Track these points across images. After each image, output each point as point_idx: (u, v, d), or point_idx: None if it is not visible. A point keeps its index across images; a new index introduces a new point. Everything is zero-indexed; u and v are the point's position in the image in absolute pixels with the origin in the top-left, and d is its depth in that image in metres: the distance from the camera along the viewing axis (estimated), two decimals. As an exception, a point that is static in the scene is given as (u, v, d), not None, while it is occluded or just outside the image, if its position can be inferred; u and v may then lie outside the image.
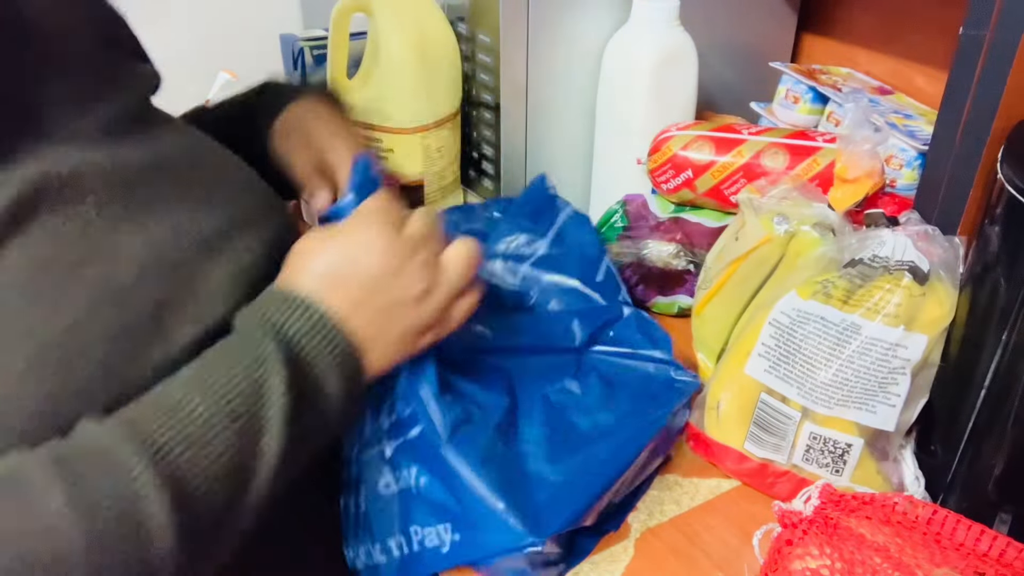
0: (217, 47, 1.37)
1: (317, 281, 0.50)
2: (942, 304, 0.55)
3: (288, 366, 0.46)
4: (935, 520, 0.49)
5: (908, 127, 0.84)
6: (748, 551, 0.54)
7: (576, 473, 0.55)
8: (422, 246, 0.52)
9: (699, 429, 0.63)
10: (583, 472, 0.55)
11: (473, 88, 0.88)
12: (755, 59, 0.99)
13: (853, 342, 0.55)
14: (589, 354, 0.66)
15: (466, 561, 0.53)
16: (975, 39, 0.53)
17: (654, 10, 0.79)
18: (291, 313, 0.48)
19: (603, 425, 0.59)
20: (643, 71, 0.80)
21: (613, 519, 0.59)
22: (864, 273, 0.57)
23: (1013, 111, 0.54)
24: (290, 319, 0.48)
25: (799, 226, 0.62)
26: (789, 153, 0.73)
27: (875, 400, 0.55)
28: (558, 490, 0.53)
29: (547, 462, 0.55)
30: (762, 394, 0.59)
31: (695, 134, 0.77)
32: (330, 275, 0.50)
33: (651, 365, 0.64)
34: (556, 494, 0.53)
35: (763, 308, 0.61)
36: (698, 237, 0.77)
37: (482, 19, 0.83)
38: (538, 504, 0.52)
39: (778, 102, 0.95)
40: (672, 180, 0.77)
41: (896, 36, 0.95)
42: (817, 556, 0.47)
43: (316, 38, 0.93)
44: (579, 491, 0.54)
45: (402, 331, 0.52)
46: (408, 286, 0.51)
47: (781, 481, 0.60)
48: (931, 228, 0.58)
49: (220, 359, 0.47)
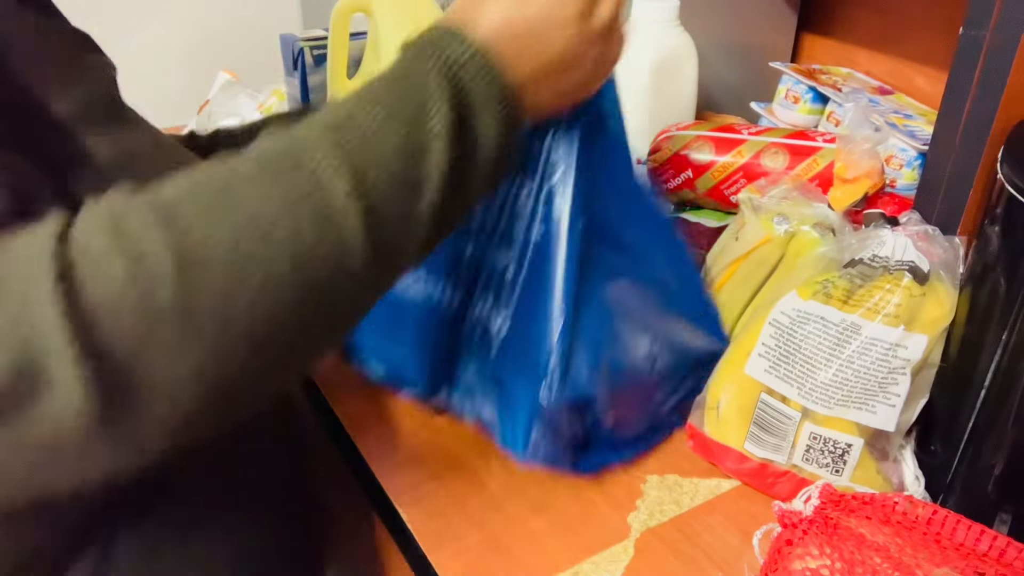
0: (217, 47, 1.38)
1: (495, 36, 0.48)
2: (942, 304, 0.55)
3: (452, 98, 0.45)
4: (935, 520, 0.49)
5: (908, 127, 0.84)
6: (748, 551, 0.54)
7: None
8: (604, 40, 0.52)
9: (699, 429, 0.63)
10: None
11: (473, 88, 0.88)
12: (755, 59, 0.99)
13: (853, 342, 0.55)
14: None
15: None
16: (975, 39, 0.53)
17: (654, 10, 0.79)
18: (463, 55, 0.46)
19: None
20: (643, 71, 0.80)
21: (619, 450, 0.63)
22: (864, 273, 0.57)
23: (1013, 111, 0.54)
24: (461, 60, 0.46)
25: (799, 226, 0.62)
26: (789, 153, 0.73)
27: (875, 400, 0.55)
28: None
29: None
30: (762, 394, 0.59)
31: (695, 134, 0.77)
32: (511, 37, 0.48)
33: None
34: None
35: (763, 308, 0.61)
36: (698, 237, 0.77)
37: (482, 19, 0.83)
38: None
39: (778, 102, 0.95)
40: (672, 180, 0.77)
41: (896, 36, 0.95)
42: (817, 556, 0.47)
43: (316, 38, 0.93)
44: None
45: (562, 100, 0.53)
46: (582, 75, 0.52)
47: (781, 481, 0.60)
48: (931, 228, 0.58)
49: (387, 79, 0.46)
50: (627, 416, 0.63)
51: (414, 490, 0.62)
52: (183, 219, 0.37)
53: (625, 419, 0.63)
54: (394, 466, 0.64)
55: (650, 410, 0.65)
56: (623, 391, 0.61)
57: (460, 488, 0.62)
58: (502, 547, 0.58)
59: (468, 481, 0.63)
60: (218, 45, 1.38)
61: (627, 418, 0.63)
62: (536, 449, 0.60)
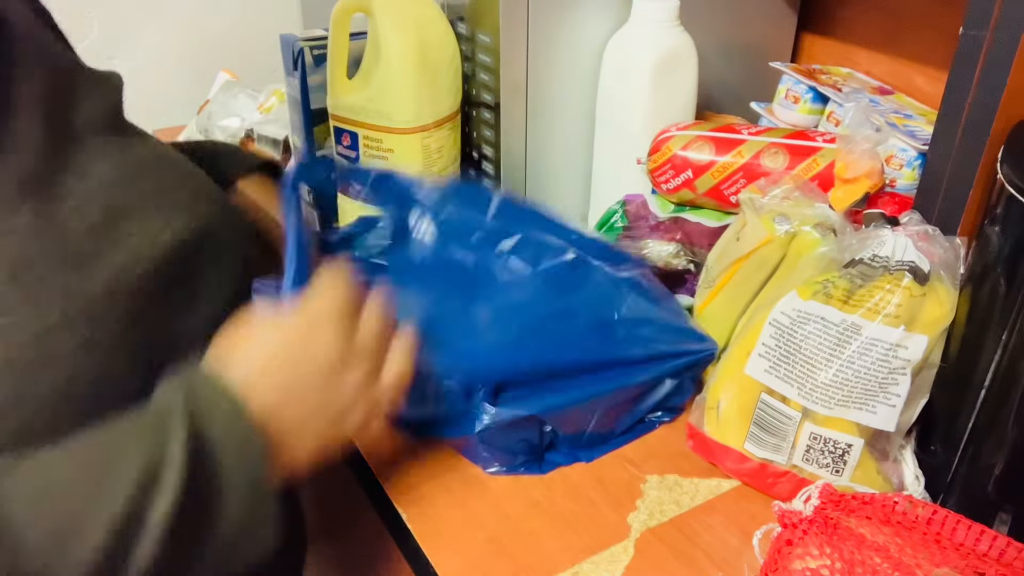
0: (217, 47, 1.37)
1: (250, 373, 0.47)
2: (942, 304, 0.55)
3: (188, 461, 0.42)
4: (935, 520, 0.49)
5: (908, 127, 0.83)
6: (748, 551, 0.54)
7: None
8: (370, 357, 0.51)
9: (699, 429, 0.63)
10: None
11: (473, 88, 0.88)
12: (755, 59, 0.99)
13: (853, 342, 0.55)
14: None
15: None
16: (975, 39, 0.53)
17: (654, 10, 0.79)
18: (214, 406, 0.45)
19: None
20: (643, 71, 0.80)
21: (587, 450, 0.65)
22: (864, 273, 0.57)
23: (1013, 111, 0.54)
24: (212, 412, 0.44)
25: (800, 226, 0.62)
26: (789, 153, 0.73)
27: (875, 400, 0.55)
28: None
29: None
30: (762, 394, 0.59)
31: (695, 134, 0.77)
32: (265, 369, 0.47)
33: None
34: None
35: (763, 308, 0.61)
36: (698, 237, 0.77)
37: (482, 19, 0.83)
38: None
39: (778, 102, 0.95)
40: (672, 180, 0.77)
41: (896, 36, 0.95)
42: (817, 556, 0.47)
43: (316, 38, 0.93)
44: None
45: (328, 436, 0.50)
46: (345, 396, 0.50)
47: (781, 481, 0.60)
48: (931, 228, 0.58)
49: (116, 443, 0.43)
50: (580, 426, 0.65)
51: (414, 490, 0.62)
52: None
53: (580, 428, 0.65)
54: (394, 466, 0.64)
55: (610, 418, 0.66)
56: (571, 409, 0.64)
57: (460, 488, 0.62)
58: (502, 547, 0.58)
59: (468, 481, 0.63)
60: (218, 45, 1.38)
61: (581, 427, 0.65)
62: (489, 461, 0.64)
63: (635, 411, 0.67)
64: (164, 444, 0.41)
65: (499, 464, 0.64)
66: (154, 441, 0.42)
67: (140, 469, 0.40)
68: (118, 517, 0.39)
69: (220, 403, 0.45)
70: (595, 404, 0.64)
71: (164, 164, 0.57)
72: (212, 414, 0.44)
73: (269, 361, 0.48)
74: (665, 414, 0.68)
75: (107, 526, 0.39)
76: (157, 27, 1.32)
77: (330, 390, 0.49)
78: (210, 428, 0.43)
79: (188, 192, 0.56)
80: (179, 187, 0.56)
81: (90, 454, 0.42)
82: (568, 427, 0.64)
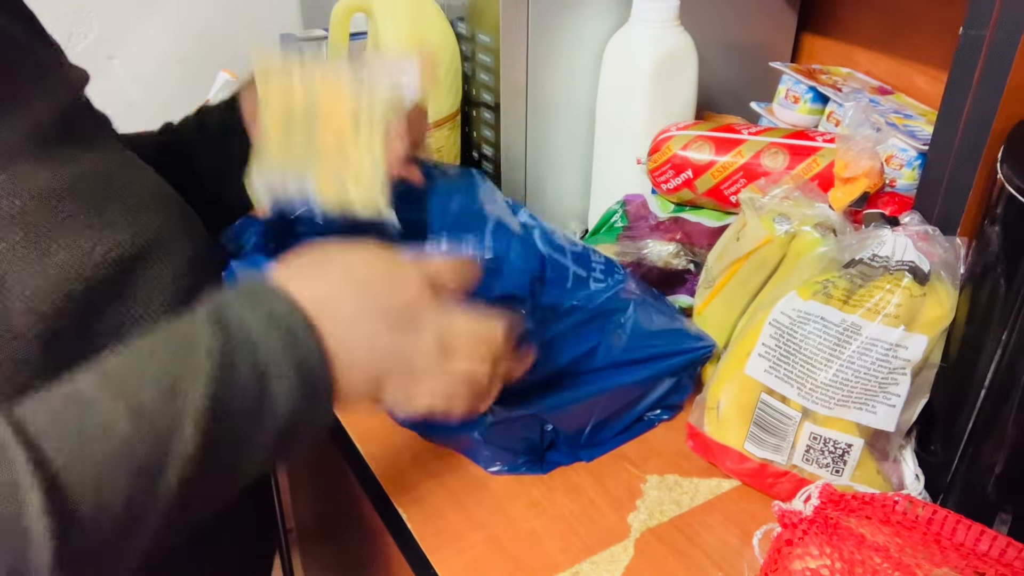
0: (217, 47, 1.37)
1: (317, 304, 0.45)
2: (942, 304, 0.55)
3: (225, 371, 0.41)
4: (935, 520, 0.49)
5: (908, 127, 0.83)
6: (748, 551, 0.54)
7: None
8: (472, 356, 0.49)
9: (699, 429, 0.63)
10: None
11: (473, 88, 0.88)
12: (755, 59, 0.99)
13: (853, 342, 0.55)
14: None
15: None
16: (975, 39, 0.53)
17: (654, 10, 0.79)
18: (268, 327, 0.43)
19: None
20: (643, 71, 0.80)
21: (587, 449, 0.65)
22: (864, 273, 0.57)
23: (1013, 111, 0.54)
24: (265, 333, 0.43)
25: (800, 226, 0.62)
26: (789, 153, 0.73)
27: (875, 400, 0.55)
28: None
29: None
30: (762, 394, 0.59)
31: (695, 134, 0.77)
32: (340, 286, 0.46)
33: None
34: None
35: (763, 308, 0.61)
36: (698, 236, 0.77)
37: (482, 19, 0.83)
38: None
39: (778, 102, 0.95)
40: (672, 180, 0.77)
41: (896, 36, 0.95)
42: (817, 556, 0.47)
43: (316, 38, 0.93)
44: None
45: (391, 385, 0.48)
46: (423, 360, 0.47)
47: (781, 481, 0.60)
48: (931, 228, 0.58)
49: (154, 351, 0.42)
50: (581, 425, 0.65)
51: (414, 490, 0.62)
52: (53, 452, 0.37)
53: (580, 426, 0.65)
54: (394, 466, 0.64)
55: (612, 418, 0.67)
56: (571, 408, 0.64)
57: (460, 488, 0.62)
58: (502, 547, 0.58)
59: (468, 481, 0.63)
60: (218, 45, 1.38)
61: (581, 426, 0.65)
62: (490, 460, 0.64)
63: (634, 410, 0.67)
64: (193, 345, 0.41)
65: (501, 463, 0.64)
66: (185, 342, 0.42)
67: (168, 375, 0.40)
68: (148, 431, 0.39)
69: (268, 301, 0.44)
70: (595, 402, 0.64)
71: (112, 176, 0.53)
72: (256, 310, 0.43)
73: (346, 283, 0.46)
74: (664, 412, 0.69)
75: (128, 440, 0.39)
76: (157, 27, 1.31)
77: (406, 342, 0.47)
78: (248, 321, 0.43)
79: (132, 204, 0.53)
80: (121, 200, 0.52)
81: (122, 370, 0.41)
82: (568, 425, 0.64)
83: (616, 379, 0.64)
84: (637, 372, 0.65)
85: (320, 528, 1.02)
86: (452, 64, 0.87)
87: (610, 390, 0.64)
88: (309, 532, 1.10)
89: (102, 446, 0.38)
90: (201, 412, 0.40)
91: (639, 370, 0.65)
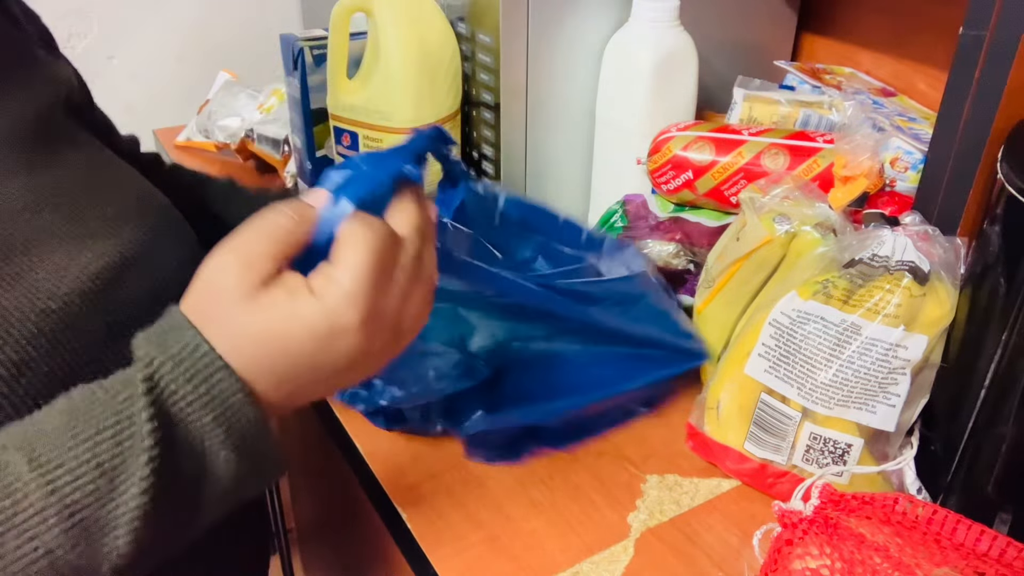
0: (217, 47, 1.38)
1: (241, 349, 0.39)
2: (942, 304, 0.55)
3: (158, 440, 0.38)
4: (935, 520, 0.49)
5: (913, 130, 0.83)
6: (748, 551, 0.54)
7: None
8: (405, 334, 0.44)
9: (699, 429, 0.63)
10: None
11: (473, 88, 0.88)
12: (755, 59, 0.99)
13: (853, 342, 0.55)
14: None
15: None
16: (975, 39, 0.53)
17: (654, 10, 0.79)
18: (191, 378, 0.39)
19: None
20: (643, 71, 0.80)
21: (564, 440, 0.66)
22: (864, 273, 0.57)
23: (1013, 111, 0.54)
24: (186, 384, 0.39)
25: (800, 226, 0.62)
26: (789, 154, 0.73)
27: (875, 400, 0.55)
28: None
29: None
30: (762, 394, 0.59)
31: (695, 135, 0.77)
32: (265, 356, 0.40)
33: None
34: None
35: (763, 308, 0.61)
36: (698, 236, 0.77)
37: (482, 19, 0.83)
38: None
39: (778, 102, 0.95)
40: (672, 181, 0.77)
41: (897, 38, 0.95)
42: (817, 556, 0.47)
43: (316, 38, 0.93)
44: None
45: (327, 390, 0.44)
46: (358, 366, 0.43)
47: (781, 481, 0.60)
48: (931, 228, 0.58)
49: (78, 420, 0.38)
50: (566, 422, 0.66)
51: (414, 490, 0.62)
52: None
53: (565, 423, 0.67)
54: (394, 466, 0.64)
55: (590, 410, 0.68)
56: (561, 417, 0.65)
57: (460, 488, 0.62)
58: (502, 547, 0.58)
59: (468, 481, 0.63)
60: (218, 45, 1.38)
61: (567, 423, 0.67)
62: (475, 451, 0.65)
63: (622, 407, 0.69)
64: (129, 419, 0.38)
65: (480, 456, 0.65)
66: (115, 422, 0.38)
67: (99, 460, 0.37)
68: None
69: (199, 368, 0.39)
70: (585, 410, 0.66)
71: (91, 184, 0.51)
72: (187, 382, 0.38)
73: (278, 364, 0.40)
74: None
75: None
76: (157, 27, 1.32)
77: (352, 370, 0.43)
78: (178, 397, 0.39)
79: (114, 214, 0.50)
80: (102, 209, 0.50)
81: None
82: (555, 425, 0.65)
83: (609, 388, 0.65)
84: (631, 379, 0.66)
85: (320, 528, 1.02)
86: (452, 64, 0.87)
87: (602, 399, 0.66)
88: (309, 532, 1.10)
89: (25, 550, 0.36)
90: (138, 516, 0.37)
91: (632, 376, 0.66)
